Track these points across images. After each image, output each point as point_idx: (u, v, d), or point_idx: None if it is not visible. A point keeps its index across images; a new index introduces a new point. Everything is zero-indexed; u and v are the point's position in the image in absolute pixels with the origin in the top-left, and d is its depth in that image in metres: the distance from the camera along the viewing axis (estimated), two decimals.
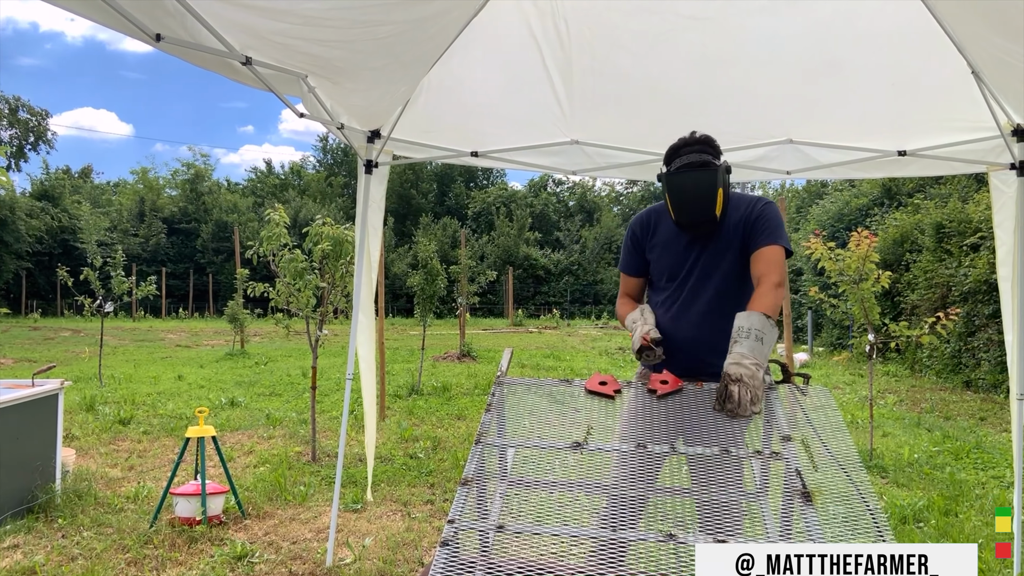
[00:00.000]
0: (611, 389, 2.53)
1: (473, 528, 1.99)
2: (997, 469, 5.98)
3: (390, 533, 4.33)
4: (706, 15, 3.14)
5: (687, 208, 2.72)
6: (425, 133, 4.18)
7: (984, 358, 10.67)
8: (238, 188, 50.80)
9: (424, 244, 11.01)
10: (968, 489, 5.33)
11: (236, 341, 16.09)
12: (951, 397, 10.12)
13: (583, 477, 2.42)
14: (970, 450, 6.59)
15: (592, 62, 3.53)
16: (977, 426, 7.94)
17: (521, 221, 42.33)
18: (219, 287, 37.73)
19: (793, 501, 2.15)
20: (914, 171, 4.12)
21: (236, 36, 2.64)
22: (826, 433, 2.36)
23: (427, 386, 10.11)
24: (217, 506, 4.49)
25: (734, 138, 4.06)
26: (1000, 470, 5.94)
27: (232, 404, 8.77)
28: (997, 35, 2.65)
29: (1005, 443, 6.89)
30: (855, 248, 6.40)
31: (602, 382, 2.56)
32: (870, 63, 3.39)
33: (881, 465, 6.01)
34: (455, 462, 5.95)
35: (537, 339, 21.14)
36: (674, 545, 1.93)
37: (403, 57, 3.07)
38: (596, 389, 2.53)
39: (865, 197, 18.00)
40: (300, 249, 6.15)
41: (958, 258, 11.64)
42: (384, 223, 4.46)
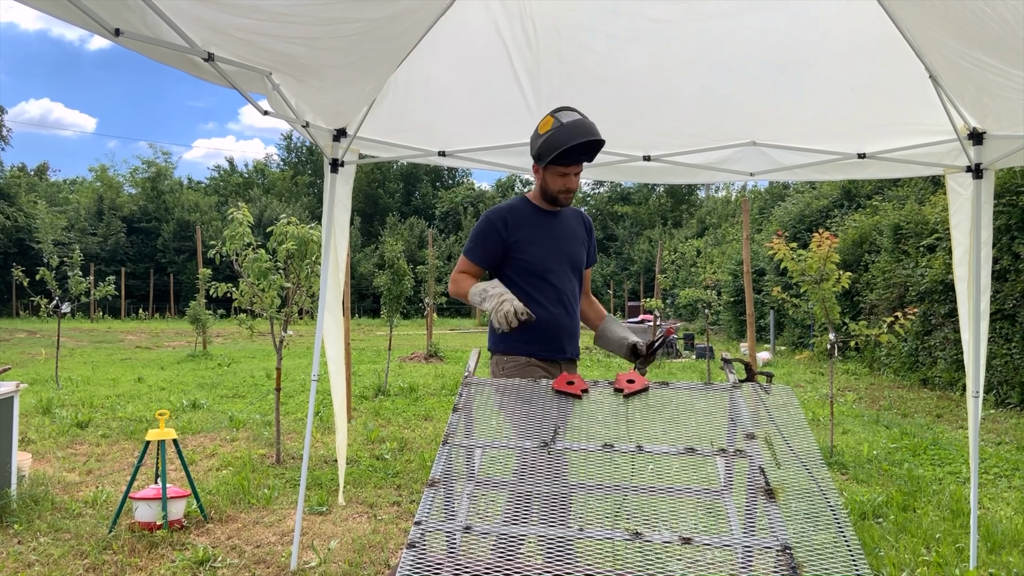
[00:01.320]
0: (578, 389, 2.54)
1: (440, 529, 1.98)
2: (953, 465, 6.13)
3: (356, 535, 4.29)
4: (670, 18, 3.17)
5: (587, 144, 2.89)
6: (392, 132, 4.15)
7: (940, 356, 10.94)
8: (200, 186, 50.03)
9: (391, 244, 10.94)
10: (925, 485, 5.46)
11: (198, 342, 15.84)
12: (908, 395, 10.36)
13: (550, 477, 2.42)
14: (927, 446, 6.75)
15: (559, 63, 3.54)
16: (934, 423, 8.14)
17: None
18: (180, 287, 37.10)
19: (757, 498, 2.18)
20: (873, 173, 4.20)
21: (198, 32, 2.59)
22: (789, 431, 2.40)
23: (394, 387, 10.05)
24: (178, 510, 4.41)
25: (699, 139, 4.11)
26: (956, 466, 6.10)
27: (194, 406, 8.63)
28: (954, 40, 2.72)
29: (961, 439, 7.07)
30: (816, 249, 6.51)
31: (569, 382, 2.57)
32: (830, 67, 3.45)
33: (841, 462, 6.13)
34: (422, 463, 5.92)
35: None
36: (640, 543, 1.94)
37: (369, 55, 3.05)
38: (564, 389, 2.54)
39: (826, 199, 18.35)
40: (264, 249, 6.07)
41: (915, 259, 11.92)
42: (350, 223, 4.42)
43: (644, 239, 41.06)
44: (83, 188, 46.37)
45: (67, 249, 14.59)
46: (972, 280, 3.74)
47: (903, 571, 3.75)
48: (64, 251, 15.12)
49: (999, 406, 9.19)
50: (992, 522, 4.53)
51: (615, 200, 48.22)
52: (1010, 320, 9.30)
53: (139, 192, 44.21)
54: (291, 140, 53.11)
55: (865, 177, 4.40)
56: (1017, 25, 2.28)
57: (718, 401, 2.66)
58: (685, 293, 13.76)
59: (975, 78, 2.94)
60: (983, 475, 5.82)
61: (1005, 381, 9.32)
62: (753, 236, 18.99)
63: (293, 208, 38.66)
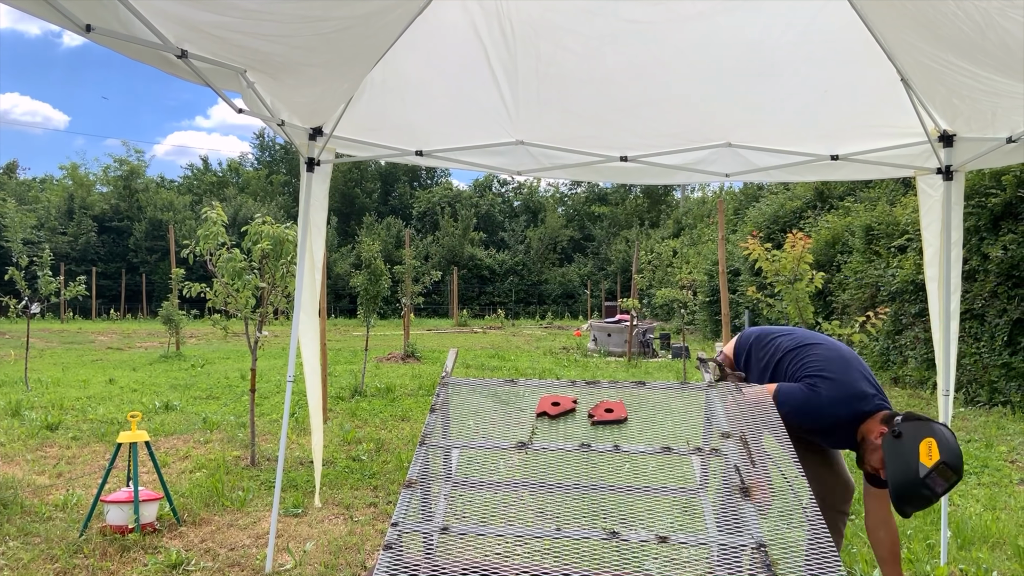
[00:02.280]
0: (563, 409, 2.51)
1: (417, 530, 1.97)
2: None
3: (332, 537, 4.26)
4: (647, 19, 3.19)
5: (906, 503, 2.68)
6: (369, 131, 4.13)
7: (911, 355, 11.11)
8: (174, 185, 49.40)
9: (368, 244, 10.88)
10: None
11: (171, 343, 15.63)
12: None
13: (528, 477, 2.43)
14: None
15: (537, 63, 3.54)
16: None
17: (466, 221, 42.29)
18: (153, 287, 36.62)
19: (732, 496, 2.20)
20: (845, 175, 4.26)
21: (171, 28, 2.56)
22: (764, 430, 2.43)
23: (370, 387, 10.00)
24: (150, 513, 4.35)
25: (675, 140, 4.14)
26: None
27: (167, 408, 8.51)
28: (925, 43, 2.76)
29: None
30: (790, 249, 6.59)
31: (554, 403, 2.54)
32: (804, 69, 3.49)
33: None
34: (399, 464, 5.90)
35: (482, 339, 21.14)
36: (617, 543, 1.95)
37: (345, 53, 3.03)
38: (551, 411, 2.51)
39: (799, 200, 18.54)
40: (239, 248, 6.01)
41: (886, 259, 12.09)
42: (327, 222, 4.39)
43: (621, 239, 41.25)
44: (53, 186, 45.54)
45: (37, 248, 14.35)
46: (942, 280, 3.80)
47: (875, 568, 3.80)
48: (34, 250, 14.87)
49: (968, 404, 9.35)
50: (962, 519, 4.61)
51: (592, 200, 48.40)
52: (979, 320, 9.47)
53: (111, 190, 43.52)
54: (265, 138, 52.64)
55: (838, 178, 4.45)
56: (987, 28, 2.32)
57: (694, 400, 2.68)
58: (661, 293, 13.85)
59: (946, 80, 2.99)
60: None
61: (974, 380, 9.49)
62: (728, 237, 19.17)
63: (268, 207, 38.31)
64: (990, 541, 4.25)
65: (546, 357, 15.50)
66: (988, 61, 2.65)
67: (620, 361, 14.87)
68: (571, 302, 41.14)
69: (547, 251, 43.55)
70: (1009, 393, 8.90)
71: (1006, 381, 8.98)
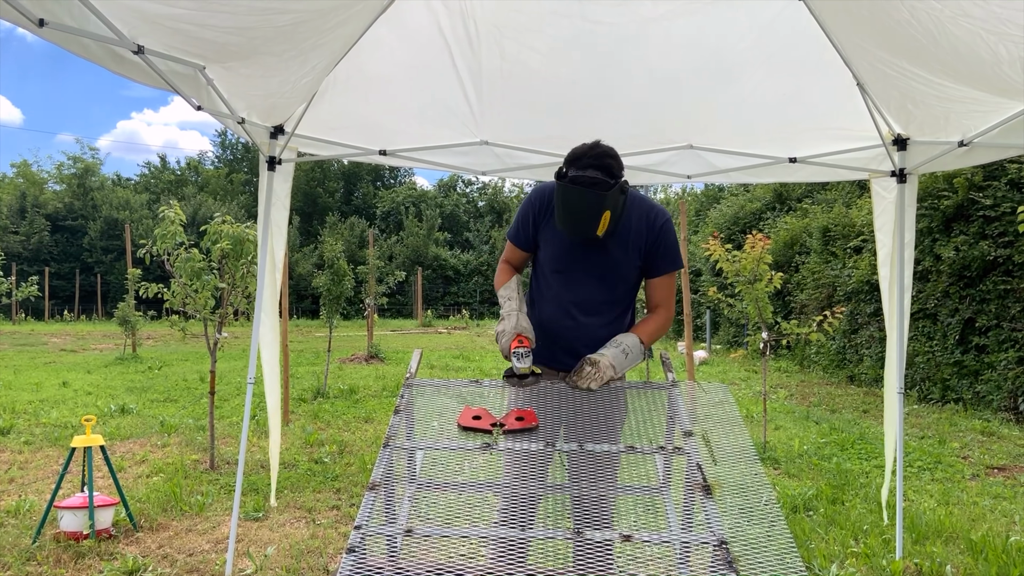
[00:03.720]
0: (487, 423, 2.43)
1: (381, 533, 1.95)
2: (879, 459, 6.38)
3: (294, 541, 4.21)
4: (610, 20, 3.20)
5: (568, 221, 2.60)
6: (332, 130, 4.09)
7: (866, 354, 11.37)
8: (130, 183, 48.34)
9: (330, 244, 10.77)
10: (853, 478, 5.67)
11: (127, 345, 15.29)
12: (836, 391, 10.73)
13: (492, 478, 2.43)
14: (854, 441, 7.00)
15: (502, 63, 3.54)
16: (860, 418, 8.45)
17: (430, 221, 42.14)
18: (108, 288, 35.80)
19: (694, 494, 2.22)
20: (803, 177, 4.34)
21: (126, 22, 2.50)
22: (724, 428, 2.46)
23: (333, 389, 9.90)
24: (106, 519, 4.26)
25: (638, 142, 4.17)
26: (882, 459, 6.34)
27: (123, 411, 8.33)
28: (880, 49, 2.83)
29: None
30: (750, 250, 6.69)
31: (476, 416, 2.50)
32: (763, 72, 3.54)
33: (774, 457, 6.31)
34: (362, 466, 5.85)
35: (446, 340, 21.08)
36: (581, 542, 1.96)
37: (302, 45, 2.99)
38: (470, 425, 2.44)
39: (759, 202, 18.85)
40: (198, 248, 5.91)
41: (842, 260, 12.36)
42: (289, 222, 4.33)
43: None
44: (5, 185, 44.21)
45: None
46: (895, 280, 3.89)
47: (833, 563, 3.89)
48: None
49: (921, 402, 9.61)
50: (916, 514, 4.73)
51: None
52: (932, 319, 9.73)
53: (65, 189, 42.42)
54: (225, 137, 51.82)
55: (796, 180, 4.53)
56: (939, 35, 2.38)
57: (657, 399, 2.70)
58: None
59: (899, 86, 3.06)
60: (907, 468, 6.07)
61: (927, 378, 9.75)
62: (690, 237, 19.39)
63: (229, 207, 37.70)
64: (944, 535, 4.37)
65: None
66: (940, 68, 2.72)
67: None
68: None
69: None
70: (961, 391, 9.16)
71: (958, 379, 9.24)
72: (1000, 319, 8.60)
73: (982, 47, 2.35)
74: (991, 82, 2.70)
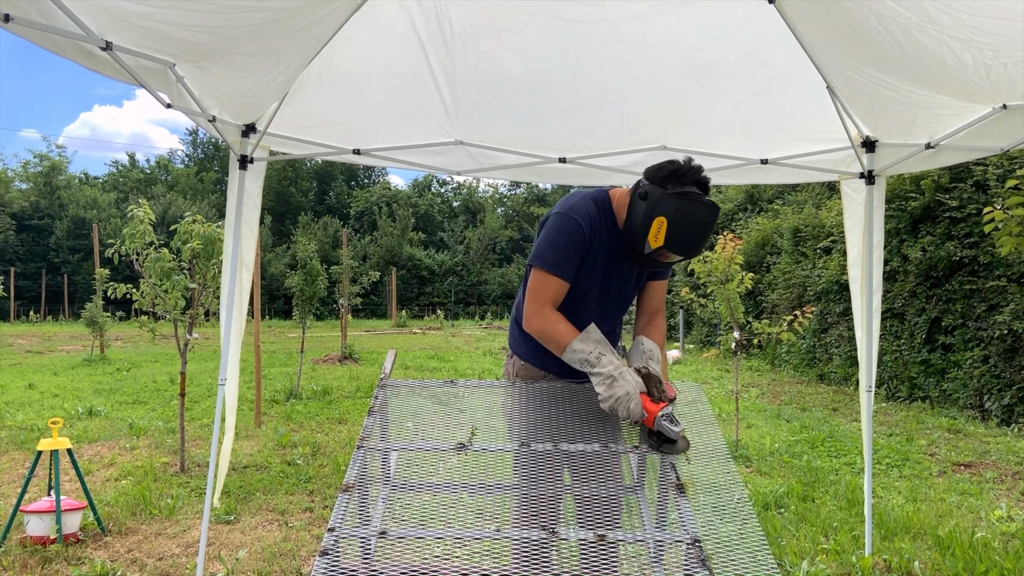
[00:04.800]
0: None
1: (355, 535, 1.94)
2: (848, 456, 6.48)
3: (266, 544, 4.17)
4: (584, 20, 3.21)
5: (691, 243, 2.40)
6: (304, 129, 4.05)
7: (835, 353, 11.54)
8: (98, 182, 47.52)
9: (303, 244, 10.69)
10: (823, 476, 5.75)
11: (95, 346, 15.03)
12: (807, 389, 10.88)
13: (467, 478, 2.42)
14: (824, 439, 7.10)
15: (476, 62, 3.54)
16: (830, 416, 8.58)
17: (405, 221, 41.97)
18: (76, 288, 35.16)
19: (668, 493, 2.24)
20: (775, 178, 4.39)
21: (95, 19, 2.45)
22: (698, 427, 2.48)
23: (306, 390, 9.82)
24: (74, 523, 4.18)
25: (612, 142, 4.19)
26: (851, 457, 6.44)
27: (90, 414, 8.18)
28: (849, 55, 2.87)
29: (855, 432, 7.48)
30: (722, 251, 6.75)
31: None
32: (735, 74, 3.58)
33: (746, 455, 6.38)
34: (336, 468, 5.81)
35: (421, 340, 21.01)
36: (556, 541, 1.96)
37: (276, 45, 2.95)
38: None
39: (731, 202, 19.05)
40: (168, 248, 5.82)
41: (812, 260, 12.53)
42: (260, 221, 4.29)
43: None
44: None
45: None
46: (865, 280, 3.96)
47: (804, 559, 3.94)
48: None
49: (889, 399, 9.77)
50: (885, 510, 4.81)
51: (532, 201, 48.64)
52: (899, 318, 9.90)
53: (31, 187, 41.56)
54: (196, 135, 51.14)
55: (767, 182, 4.58)
56: (906, 43, 2.42)
57: None
58: None
59: (868, 91, 3.11)
60: (876, 465, 6.17)
61: (895, 376, 9.92)
62: None
63: (199, 206, 37.22)
64: (911, 531, 4.45)
65: (486, 357, 15.50)
66: (907, 74, 2.77)
67: None
68: (510, 303, 41.23)
69: (487, 251, 43.58)
70: (928, 389, 9.33)
71: (925, 377, 9.42)
72: (966, 318, 8.78)
73: (948, 54, 2.39)
74: (957, 87, 2.75)
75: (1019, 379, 7.87)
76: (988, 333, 8.32)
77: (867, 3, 2.30)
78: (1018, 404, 7.85)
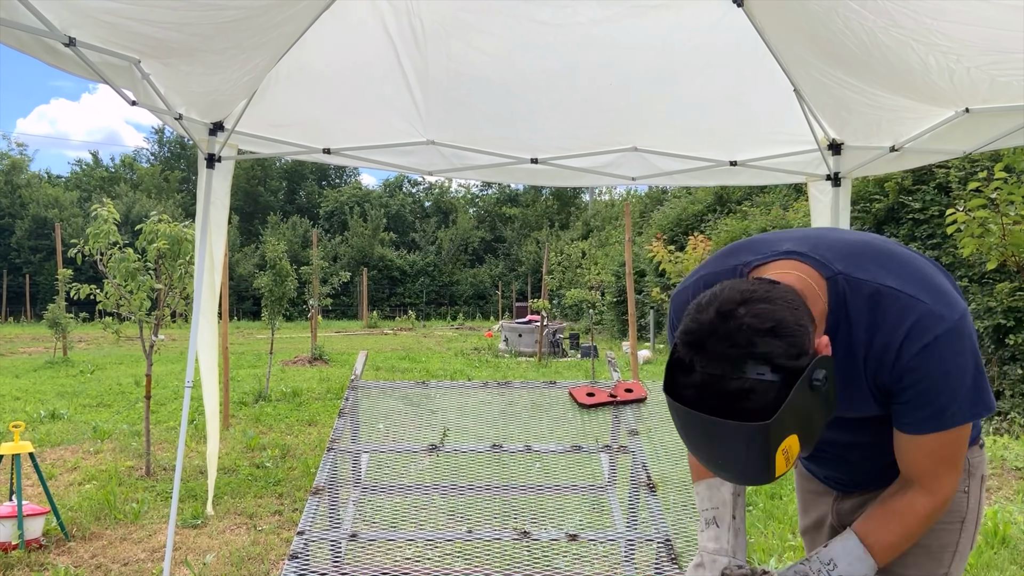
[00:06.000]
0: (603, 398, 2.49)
1: (324, 538, 1.92)
2: None
3: (234, 548, 4.11)
4: (555, 22, 3.22)
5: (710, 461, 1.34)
6: (274, 128, 4.01)
7: None
8: (60, 181, 46.56)
9: (272, 244, 10.56)
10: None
11: (58, 348, 14.72)
12: None
13: (439, 479, 2.41)
14: None
15: (448, 63, 3.53)
16: None
17: (376, 221, 41.74)
18: (37, 289, 34.40)
19: (639, 492, 2.25)
20: (743, 180, 4.45)
21: (58, 13, 2.40)
22: (668, 426, 2.50)
23: (275, 392, 9.71)
24: (36, 528, 4.10)
25: (584, 144, 4.21)
26: None
27: (53, 417, 8.01)
28: (817, 59, 2.92)
29: None
30: (692, 251, 6.83)
31: (589, 393, 2.53)
32: (704, 77, 3.62)
33: None
34: (306, 470, 5.75)
35: (392, 341, 20.90)
36: (528, 542, 1.96)
37: (245, 44, 2.92)
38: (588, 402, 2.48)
39: (700, 204, 19.23)
40: (133, 248, 5.72)
41: None
42: (228, 221, 4.23)
43: (532, 241, 41.65)
44: None
45: None
46: None
47: (772, 556, 3.98)
48: None
49: None
50: None
51: (503, 201, 48.66)
52: None
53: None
54: (163, 134, 50.30)
55: (736, 183, 4.64)
56: (872, 47, 2.47)
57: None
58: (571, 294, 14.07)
59: (834, 94, 3.17)
60: None
61: None
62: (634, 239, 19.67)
63: (165, 205, 36.62)
64: None
65: (457, 358, 15.47)
66: (872, 77, 2.82)
67: (531, 361, 15.00)
68: (482, 303, 41.24)
69: (458, 252, 43.52)
70: None
71: None
72: None
73: (912, 57, 2.44)
74: (920, 90, 2.81)
75: None
76: None
77: (834, 6, 2.34)
78: None
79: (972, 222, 4.24)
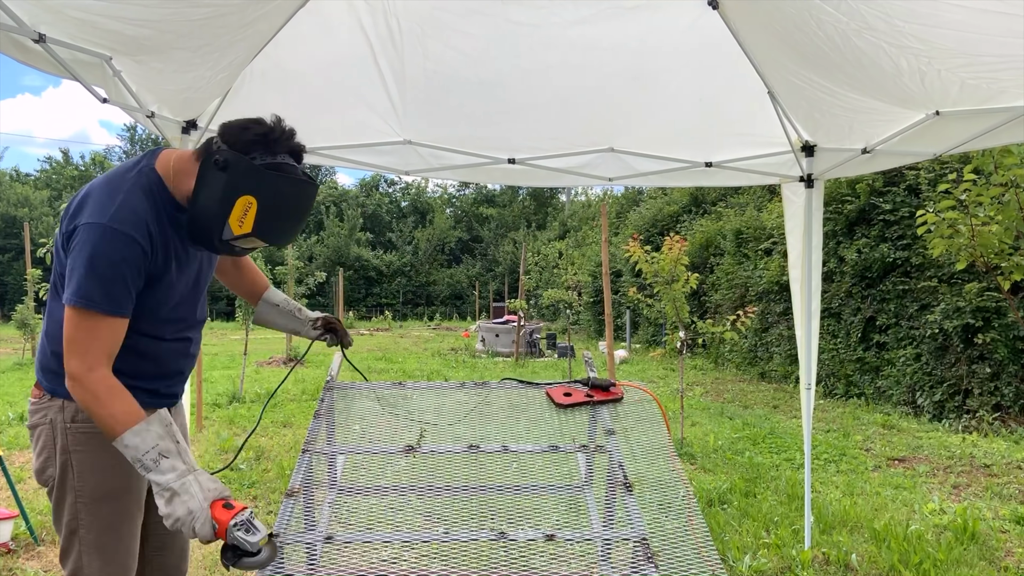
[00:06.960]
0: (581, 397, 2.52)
1: (299, 541, 1.91)
2: (789, 452, 6.65)
3: (207, 551, 4.06)
4: (532, 22, 3.23)
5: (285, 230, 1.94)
6: None
7: (776, 352, 11.83)
8: (29, 179, 45.73)
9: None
10: (765, 471, 5.88)
11: (26, 349, 14.45)
12: (749, 387, 11.13)
13: (416, 481, 2.40)
14: (765, 436, 7.28)
15: (425, 62, 3.52)
16: (771, 413, 8.79)
17: (352, 221, 41.52)
18: (6, 289, 33.77)
19: (616, 491, 2.26)
20: (718, 181, 4.48)
21: (27, 9, 2.36)
22: (644, 426, 2.51)
23: (250, 393, 9.62)
24: (5, 532, 4.02)
25: (560, 144, 4.22)
26: (791, 453, 6.61)
27: (22, 419, 7.85)
28: (790, 61, 2.95)
29: (795, 428, 7.68)
30: (667, 252, 6.86)
31: (566, 393, 2.53)
32: (680, 79, 3.64)
33: (691, 452, 6.49)
34: (280, 472, 5.70)
35: (369, 341, 20.79)
36: (505, 543, 1.96)
37: (219, 41, 2.89)
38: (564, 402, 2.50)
39: (676, 204, 19.37)
40: None
41: (754, 261, 12.83)
42: None
43: (509, 241, 41.70)
44: None
45: None
46: (804, 281, 4.07)
47: (746, 554, 4.02)
48: None
49: (827, 396, 10.07)
50: (823, 504, 4.95)
51: (480, 202, 48.64)
52: (836, 318, 10.22)
53: None
54: (135, 132, 49.58)
55: (711, 184, 4.68)
56: (844, 48, 2.50)
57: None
58: (548, 294, 14.10)
59: (808, 96, 3.20)
60: (814, 461, 6.35)
61: (832, 374, 10.23)
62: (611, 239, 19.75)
63: None
64: (849, 525, 4.59)
65: (434, 358, 15.43)
66: (845, 79, 2.86)
67: (508, 361, 15.00)
68: (459, 303, 41.20)
69: (435, 252, 43.42)
70: (863, 386, 9.65)
71: (860, 375, 9.74)
72: (899, 318, 9.11)
73: (885, 59, 2.48)
74: (892, 93, 2.85)
75: (950, 376, 8.20)
76: (920, 332, 8.64)
77: (807, 9, 2.37)
78: (949, 400, 8.17)
79: (942, 223, 4.31)
